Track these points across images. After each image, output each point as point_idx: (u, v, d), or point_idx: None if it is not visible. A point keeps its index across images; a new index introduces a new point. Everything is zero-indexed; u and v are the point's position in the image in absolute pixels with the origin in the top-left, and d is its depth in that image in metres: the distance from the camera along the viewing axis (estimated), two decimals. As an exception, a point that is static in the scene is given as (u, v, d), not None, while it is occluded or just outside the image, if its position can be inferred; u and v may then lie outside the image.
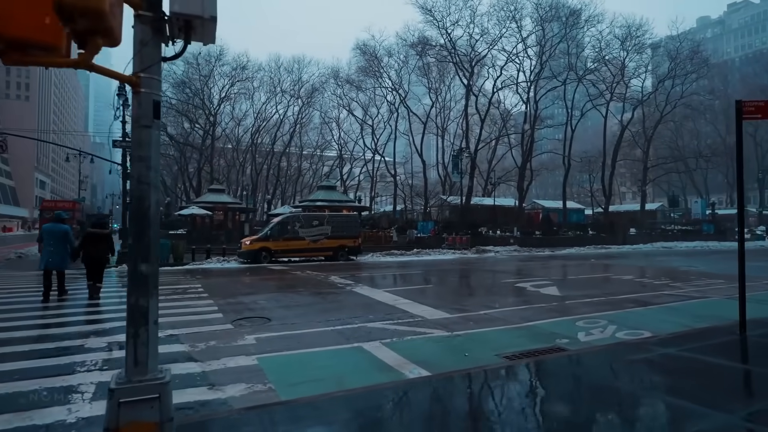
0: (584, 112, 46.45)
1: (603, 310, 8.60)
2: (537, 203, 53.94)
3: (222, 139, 57.89)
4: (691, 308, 9.05)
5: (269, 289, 11.49)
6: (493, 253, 27.09)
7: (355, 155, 61.11)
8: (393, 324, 7.38)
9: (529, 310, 8.69)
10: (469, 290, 12.05)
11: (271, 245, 20.02)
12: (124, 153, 19.62)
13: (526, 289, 11.03)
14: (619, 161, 51.64)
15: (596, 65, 43.65)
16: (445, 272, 16.42)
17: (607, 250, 31.31)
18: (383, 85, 48.51)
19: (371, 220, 40.92)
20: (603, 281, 13.43)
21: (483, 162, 54.48)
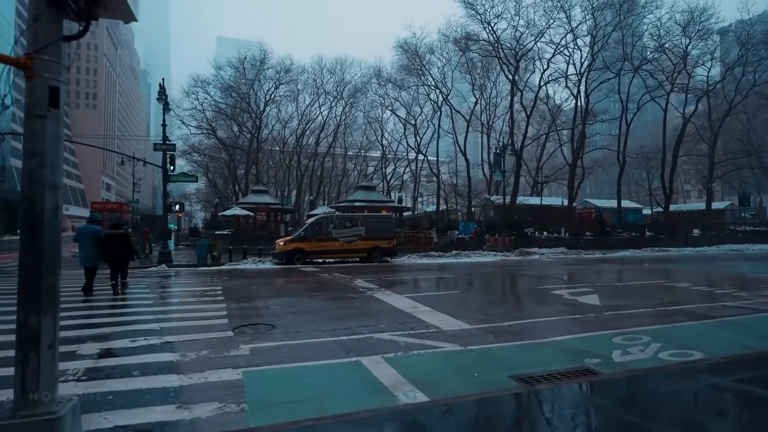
0: (641, 105, 43.43)
1: (648, 324, 7.56)
2: (589, 203, 51.18)
3: (269, 141, 59.32)
4: (756, 324, 7.80)
5: (288, 293, 11.19)
6: (537, 255, 25.70)
7: (399, 155, 60.68)
8: (403, 335, 6.77)
9: (560, 322, 7.80)
10: (498, 297, 11.20)
11: (304, 246, 19.89)
12: (165, 155, 20.12)
13: (562, 297, 10.05)
14: (681, 157, 47.98)
15: (655, 54, 40.58)
16: (478, 276, 15.55)
17: (666, 253, 28.95)
18: (426, 83, 47.67)
19: (412, 220, 40.26)
20: (654, 289, 12.11)
21: (532, 160, 52.35)
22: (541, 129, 49.98)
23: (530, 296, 10.71)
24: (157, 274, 16.03)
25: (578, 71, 41.70)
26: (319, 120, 56.54)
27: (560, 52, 39.11)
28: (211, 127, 53.39)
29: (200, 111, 51.53)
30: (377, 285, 11.91)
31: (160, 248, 20.36)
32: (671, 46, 42.06)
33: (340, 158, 66.39)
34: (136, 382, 4.79)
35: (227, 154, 55.20)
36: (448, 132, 51.70)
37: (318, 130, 55.86)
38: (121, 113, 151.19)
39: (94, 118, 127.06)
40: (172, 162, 20.43)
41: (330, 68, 52.65)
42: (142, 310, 8.65)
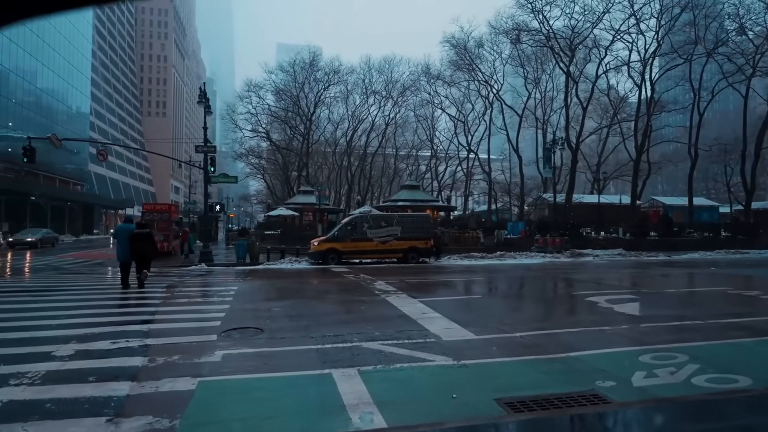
0: (716, 92, 39.40)
1: (690, 340, 6.41)
2: (656, 200, 47.28)
3: (320, 143, 60.32)
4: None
5: (299, 295, 10.90)
6: (590, 257, 23.85)
7: (451, 154, 59.42)
8: (394, 345, 6.13)
9: (583, 335, 6.81)
10: (522, 304, 10.22)
11: (338, 246, 19.63)
12: (206, 157, 20.65)
13: (596, 305, 8.91)
14: (766, 148, 42.99)
15: (729, 35, 36.60)
16: (512, 279, 14.50)
17: (743, 255, 25.93)
18: (476, 78, 46.11)
19: (460, 220, 39.09)
20: (713, 297, 10.58)
21: (593, 156, 49.21)
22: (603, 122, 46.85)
23: (560, 303, 9.65)
24: (191, 273, 16.38)
25: (642, 58, 38.51)
26: (368, 120, 56.66)
27: (620, 38, 36.27)
28: (265, 130, 55.04)
29: (254, 115, 53.24)
30: (397, 288, 11.29)
31: (201, 248, 20.92)
32: (752, 26, 37.80)
33: (392, 158, 66.24)
34: (85, 389, 4.54)
35: (281, 156, 56.65)
36: (500, 129, 49.79)
37: (368, 130, 55.92)
38: (188, 120, 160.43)
39: (163, 125, 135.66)
40: (213, 164, 20.92)
41: (378, 68, 52.48)
42: (144, 310, 8.63)
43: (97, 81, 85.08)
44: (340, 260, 19.55)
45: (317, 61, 50.14)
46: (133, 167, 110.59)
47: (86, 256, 25.87)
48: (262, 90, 50.45)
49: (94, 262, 21.72)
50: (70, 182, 64.21)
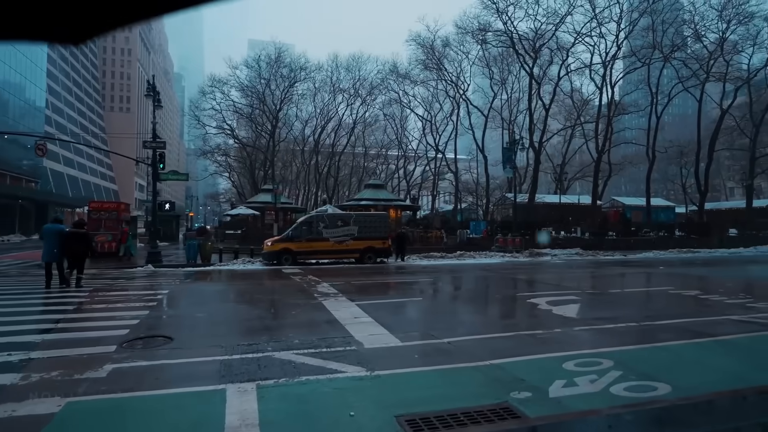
0: (672, 96, 40.60)
1: (620, 344, 6.23)
2: (617, 200, 48.40)
3: (288, 141, 59.33)
4: (757, 345, 6.33)
5: (234, 299, 10.39)
6: (549, 256, 24.02)
7: (419, 153, 59.39)
8: (310, 354, 5.70)
9: (514, 340, 6.56)
10: (464, 306, 9.96)
11: (292, 246, 19.05)
12: (154, 153, 19.72)
13: (535, 308, 8.71)
14: (718, 151, 44.69)
15: (685, 40, 37.73)
16: (464, 280, 14.33)
17: (695, 254, 26.66)
18: (444, 78, 46.09)
19: (426, 220, 38.96)
20: (654, 298, 10.60)
21: (559, 157, 50.02)
22: (568, 123, 47.67)
23: (501, 305, 9.41)
24: (131, 275, 15.51)
25: (603, 61, 39.26)
26: (337, 118, 56.01)
27: (582, 41, 36.86)
28: (230, 127, 53.65)
29: (218, 111, 51.81)
30: (340, 290, 10.85)
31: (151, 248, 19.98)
32: (705, 32, 39.09)
33: (360, 157, 65.85)
34: (-77, 415, 3.93)
35: (246, 154, 55.37)
36: (468, 129, 50.00)
37: (336, 128, 55.27)
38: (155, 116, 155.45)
39: (127, 121, 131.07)
40: (162, 160, 19.99)
41: (346, 65, 51.90)
42: (50, 317, 7.91)
43: (54, 73, 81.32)
44: (294, 261, 18.98)
45: (283, 57, 49.20)
46: (93, 164, 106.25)
47: (28, 257, 24.36)
48: (226, 86, 49.11)
49: (33, 263, 20.42)
50: (23, 179, 61.12)
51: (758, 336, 6.72)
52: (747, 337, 6.67)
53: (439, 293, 11.57)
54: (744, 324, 7.50)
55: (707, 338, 6.63)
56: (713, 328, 7.27)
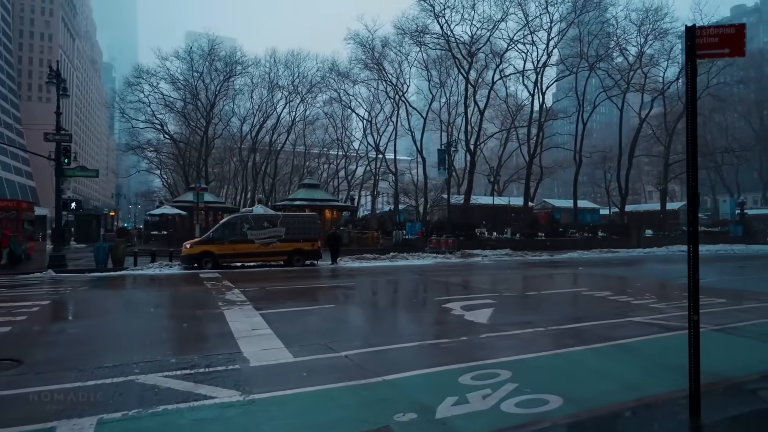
0: (596, 104, 42.94)
1: (522, 352, 6.06)
2: (547, 202, 50.56)
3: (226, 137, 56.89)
4: (653, 348, 6.39)
5: (125, 309, 9.45)
6: (480, 257, 24.38)
7: (361, 154, 59.00)
8: (182, 376, 5.03)
9: (414, 350, 6.23)
10: (376, 313, 9.60)
11: (214, 249, 17.94)
12: (58, 147, 17.89)
13: (449, 313, 8.50)
14: (637, 157, 47.85)
15: (609, 52, 40.00)
16: (386, 284, 14.04)
17: (615, 254, 28.14)
18: (383, 78, 45.92)
19: (364, 220, 38.67)
20: (568, 299, 10.78)
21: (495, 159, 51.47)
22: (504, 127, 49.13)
23: (414, 311, 9.11)
24: (22, 281, 13.86)
25: (535, 68, 40.79)
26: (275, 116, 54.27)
27: (514, 47, 38.03)
28: (159, 121, 50.49)
29: (146, 104, 48.57)
30: (249, 297, 10.14)
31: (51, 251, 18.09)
32: (626, 44, 41.70)
33: (301, 156, 64.58)
34: None
35: (178, 151, 52.39)
36: (408, 130, 50.23)
37: (274, 126, 53.56)
38: (79, 107, 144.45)
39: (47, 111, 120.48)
40: (67, 154, 18.16)
41: (284, 62, 50.45)
42: None
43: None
44: (216, 264, 17.88)
45: (217, 50, 46.97)
46: (6, 158, 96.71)
47: None
48: (155, 77, 46.13)
49: None
50: None
51: (655, 339, 6.82)
52: (644, 341, 6.74)
53: (355, 299, 11.13)
54: (644, 326, 7.64)
55: (608, 342, 6.63)
56: (616, 331, 7.33)
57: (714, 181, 62.96)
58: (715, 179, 62.10)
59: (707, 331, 7.36)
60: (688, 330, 3.86)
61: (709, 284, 13.15)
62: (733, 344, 6.64)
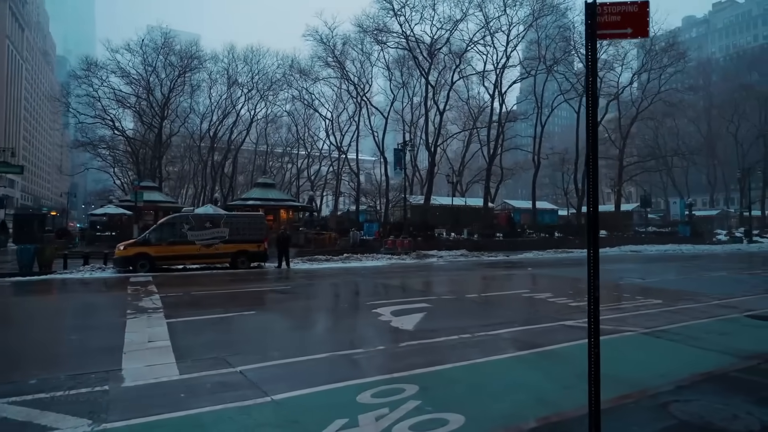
0: (554, 107, 43.68)
1: (438, 363, 5.60)
2: (508, 203, 51.13)
3: (184, 135, 54.86)
4: (578, 356, 6.04)
5: (20, 319, 8.42)
6: (435, 258, 24.10)
7: (324, 154, 58.03)
8: (29, 402, 4.29)
9: (322, 363, 5.67)
10: (297, 320, 8.92)
11: (150, 251, 16.86)
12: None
13: (378, 318, 7.99)
14: (593, 159, 48.85)
15: (565, 56, 40.72)
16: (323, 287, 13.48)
17: (569, 254, 28.48)
18: (344, 76, 45.14)
19: (323, 221, 37.88)
20: (504, 302, 10.49)
21: (460, 161, 51.66)
22: (466, 129, 49.32)
23: (339, 318, 8.56)
24: None
25: (495, 69, 41.00)
26: (235, 113, 52.57)
27: (473, 48, 38.11)
28: (110, 117, 47.94)
29: (96, 99, 46.04)
30: (166, 304, 9.33)
31: None
32: (582, 49, 42.53)
33: (264, 156, 63.21)
34: None
35: (131, 148, 50.01)
36: (373, 131, 49.64)
37: (232, 124, 51.91)
38: (29, 101, 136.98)
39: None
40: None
41: (243, 57, 48.96)
42: None
43: None
44: (153, 267, 16.80)
45: (171, 43, 45.06)
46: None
47: None
48: (104, 71, 43.79)
49: None
50: None
51: (577, 345, 6.48)
52: (572, 347, 6.40)
53: (282, 305, 10.45)
54: (573, 330, 7.35)
55: (534, 350, 6.28)
56: (544, 336, 7.01)
57: (666, 183, 65.40)
58: (666, 181, 64.51)
59: (636, 334, 7.15)
60: (588, 344, 3.46)
61: (649, 285, 13.22)
62: (660, 348, 6.41)
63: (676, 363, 5.71)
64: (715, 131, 63.34)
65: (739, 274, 15.67)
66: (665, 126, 58.30)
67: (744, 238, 43.06)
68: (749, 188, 52.33)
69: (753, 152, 58.78)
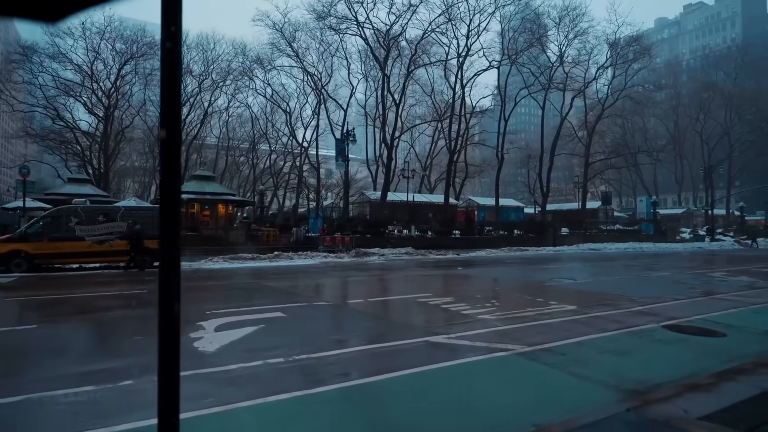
0: (518, 100, 42.42)
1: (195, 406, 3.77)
2: (472, 200, 49.76)
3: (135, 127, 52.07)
4: (405, 395, 4.33)
5: None
6: (376, 256, 22.36)
7: (289, 149, 55.75)
8: None
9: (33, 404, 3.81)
10: (88, 333, 6.97)
11: (28, 248, 14.68)
12: None
13: (189, 335, 6.12)
14: (559, 155, 47.95)
15: (528, 48, 39.42)
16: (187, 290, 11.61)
17: (522, 252, 27.08)
18: (302, 66, 42.94)
19: (272, 217, 35.85)
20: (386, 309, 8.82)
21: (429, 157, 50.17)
22: (432, 124, 47.81)
23: (142, 332, 6.57)
24: None
25: (458, 59, 39.38)
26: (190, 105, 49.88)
27: (429, 35, 36.39)
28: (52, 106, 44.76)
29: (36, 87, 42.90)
30: None
31: None
32: (547, 42, 41.44)
33: (232, 151, 61.04)
34: None
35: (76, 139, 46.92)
36: (334, 124, 47.64)
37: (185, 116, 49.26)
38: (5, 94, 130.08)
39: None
40: None
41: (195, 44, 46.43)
42: None
43: None
44: (32, 266, 14.63)
45: (116, 28, 42.28)
46: None
47: None
48: (40, 55, 40.70)
49: None
50: None
51: (417, 373, 4.77)
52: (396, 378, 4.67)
53: (102, 314, 8.31)
54: (436, 350, 5.66)
55: (357, 381, 4.55)
56: (392, 359, 5.29)
57: (635, 181, 65.08)
58: (636, 180, 64.16)
59: (511, 355, 5.47)
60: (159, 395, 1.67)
61: (575, 286, 11.69)
62: (525, 377, 4.75)
63: (529, 403, 4.05)
64: (682, 129, 63.20)
65: (682, 274, 14.31)
66: (634, 124, 57.79)
67: (706, 236, 42.59)
68: (712, 186, 52.12)
69: (718, 151, 58.85)
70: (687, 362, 5.29)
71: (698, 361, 5.30)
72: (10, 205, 27.03)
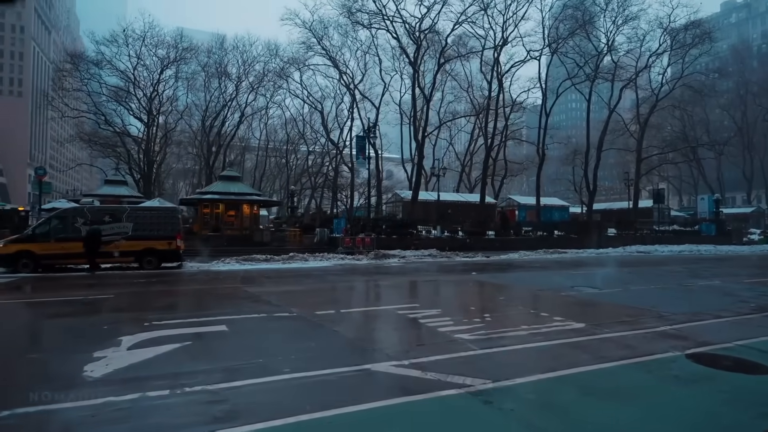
0: (560, 92, 39.75)
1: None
2: (512, 199, 47.30)
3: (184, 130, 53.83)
4: None
5: None
6: (397, 258, 21.19)
7: (326, 150, 55.62)
8: None
9: None
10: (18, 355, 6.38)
11: (35, 248, 14.71)
12: None
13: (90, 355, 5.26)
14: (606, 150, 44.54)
15: (571, 35, 36.76)
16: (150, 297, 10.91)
17: (560, 255, 24.96)
18: (335, 65, 42.42)
19: (302, 218, 35.50)
20: (355, 323, 7.66)
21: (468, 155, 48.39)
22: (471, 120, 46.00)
23: (57, 353, 5.80)
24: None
25: (495, 49, 37.39)
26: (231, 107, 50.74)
27: (461, 26, 34.65)
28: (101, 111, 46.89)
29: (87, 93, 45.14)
30: None
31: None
32: (592, 29, 38.56)
33: (274, 153, 62.08)
34: None
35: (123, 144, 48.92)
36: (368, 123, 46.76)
37: (223, 117, 50.08)
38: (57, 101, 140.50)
39: (18, 106, 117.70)
40: None
41: (232, 47, 47.09)
42: None
43: None
44: (38, 267, 14.68)
45: (159, 34, 43.56)
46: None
47: None
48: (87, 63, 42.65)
49: None
50: None
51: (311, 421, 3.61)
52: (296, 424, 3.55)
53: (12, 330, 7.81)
54: (367, 384, 4.49)
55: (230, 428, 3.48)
56: (304, 396, 4.17)
57: (697, 178, 59.82)
58: (698, 177, 58.94)
59: (461, 394, 4.22)
60: None
61: (596, 297, 9.99)
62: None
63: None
64: (750, 121, 57.34)
65: (736, 283, 12.11)
66: (694, 116, 52.94)
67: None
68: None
69: (793, 143, 52.87)
70: (705, 415, 3.82)
71: (722, 413, 3.82)
72: (48, 206, 28.15)
